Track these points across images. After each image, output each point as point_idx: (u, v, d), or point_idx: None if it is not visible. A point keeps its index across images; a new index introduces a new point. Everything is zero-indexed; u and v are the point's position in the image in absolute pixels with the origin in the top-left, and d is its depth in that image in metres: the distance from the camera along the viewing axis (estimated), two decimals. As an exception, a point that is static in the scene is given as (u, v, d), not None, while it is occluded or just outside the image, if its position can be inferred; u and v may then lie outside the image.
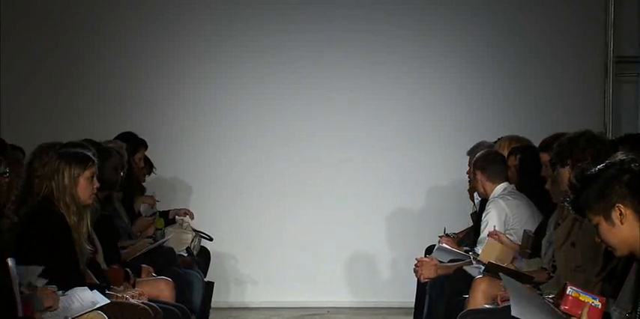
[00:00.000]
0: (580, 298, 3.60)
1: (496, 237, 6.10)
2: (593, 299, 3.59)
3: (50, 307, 4.63)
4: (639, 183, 3.58)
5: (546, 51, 8.99)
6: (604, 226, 3.65)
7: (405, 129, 9.00)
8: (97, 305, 4.83)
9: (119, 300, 5.08)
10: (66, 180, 5.15)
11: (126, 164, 6.80)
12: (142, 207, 7.50)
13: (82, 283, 5.02)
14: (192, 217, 7.79)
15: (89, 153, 5.28)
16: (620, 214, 3.59)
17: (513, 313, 3.89)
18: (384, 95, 9.00)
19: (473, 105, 9.01)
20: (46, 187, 5.15)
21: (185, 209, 7.92)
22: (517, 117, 8.82)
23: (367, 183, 8.95)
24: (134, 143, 7.51)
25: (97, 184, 5.25)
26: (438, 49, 8.98)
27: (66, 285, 4.88)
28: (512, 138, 7.10)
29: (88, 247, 5.24)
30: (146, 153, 8.02)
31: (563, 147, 5.14)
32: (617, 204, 3.59)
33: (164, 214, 7.79)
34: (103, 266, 5.65)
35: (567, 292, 3.62)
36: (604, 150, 4.99)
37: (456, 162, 7.94)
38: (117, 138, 7.40)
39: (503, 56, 9.00)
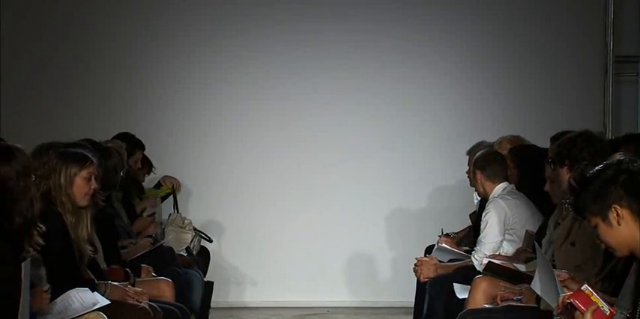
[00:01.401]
0: (591, 297, 3.59)
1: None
2: (604, 304, 3.58)
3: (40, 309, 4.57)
4: (635, 184, 3.58)
5: (546, 51, 8.99)
6: (602, 227, 3.65)
7: (405, 129, 9.00)
8: (97, 306, 4.82)
9: (119, 299, 5.08)
10: (62, 179, 5.12)
11: (126, 164, 6.80)
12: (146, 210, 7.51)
13: (80, 281, 5.01)
14: (178, 188, 7.89)
15: (89, 154, 5.27)
16: (617, 215, 3.60)
17: (532, 286, 4.34)
18: (384, 95, 9.00)
19: (473, 105, 9.01)
20: (44, 185, 5.15)
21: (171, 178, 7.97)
22: (517, 117, 8.82)
23: (367, 182, 8.95)
24: (131, 144, 7.50)
25: (94, 185, 5.19)
26: (438, 48, 8.98)
27: (63, 284, 4.87)
28: (512, 138, 7.11)
29: (89, 248, 5.23)
30: (146, 153, 8.02)
31: (562, 147, 5.15)
32: (614, 205, 3.60)
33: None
34: (103, 266, 5.66)
35: (582, 288, 3.62)
36: (602, 150, 5.00)
37: (455, 161, 7.94)
38: (114, 138, 7.40)
39: (503, 56, 9.00)
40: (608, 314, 3.55)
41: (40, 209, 4.31)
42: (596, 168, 3.69)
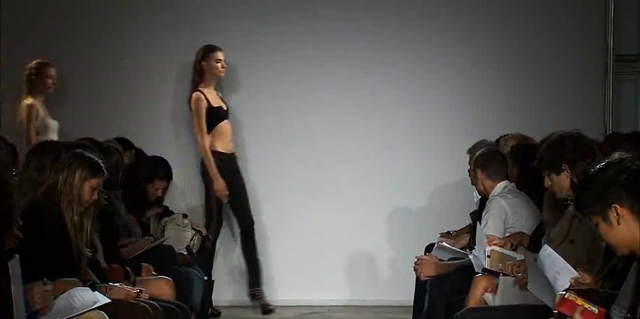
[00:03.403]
0: (577, 301, 3.61)
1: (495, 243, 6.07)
2: (591, 305, 3.60)
3: (42, 308, 4.57)
4: (635, 184, 3.58)
5: (546, 50, 8.98)
6: (602, 226, 3.66)
7: (406, 129, 9.00)
8: (98, 304, 4.82)
9: (119, 298, 5.08)
10: (76, 178, 5.15)
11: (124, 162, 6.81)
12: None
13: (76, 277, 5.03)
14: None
15: (103, 166, 5.29)
16: (617, 214, 3.60)
17: (529, 287, 4.41)
18: (385, 95, 9.00)
19: (473, 105, 9.01)
20: (52, 180, 5.14)
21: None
22: (517, 116, 8.82)
23: (367, 182, 8.95)
24: (160, 171, 7.45)
25: (95, 197, 5.25)
26: (439, 48, 8.98)
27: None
28: (516, 136, 7.10)
29: (87, 250, 5.23)
30: (148, 152, 8.01)
31: (551, 155, 5.13)
32: (614, 205, 3.60)
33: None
34: (103, 265, 5.66)
35: (565, 295, 3.65)
36: (590, 149, 5.02)
37: (456, 160, 7.94)
38: (147, 159, 7.35)
39: (503, 55, 9.00)
40: (596, 312, 3.58)
41: (18, 202, 4.28)
42: (598, 166, 3.69)
